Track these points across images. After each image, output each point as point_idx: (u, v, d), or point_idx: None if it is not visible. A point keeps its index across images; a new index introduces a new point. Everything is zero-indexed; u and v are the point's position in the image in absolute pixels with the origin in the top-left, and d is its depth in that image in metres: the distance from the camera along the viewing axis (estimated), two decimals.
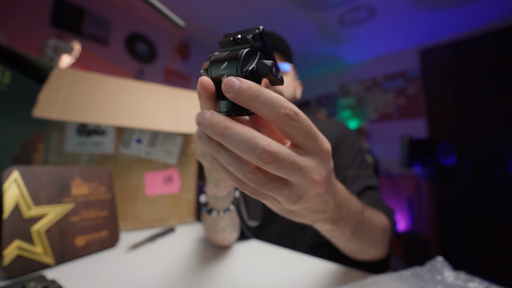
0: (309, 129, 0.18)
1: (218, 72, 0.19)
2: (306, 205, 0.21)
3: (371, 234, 0.36)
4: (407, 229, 2.62)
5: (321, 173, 0.20)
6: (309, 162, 0.19)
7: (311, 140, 0.19)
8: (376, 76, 3.05)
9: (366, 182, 0.53)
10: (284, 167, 0.17)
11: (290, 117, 0.17)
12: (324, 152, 0.20)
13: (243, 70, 0.18)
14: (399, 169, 2.72)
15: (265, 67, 0.18)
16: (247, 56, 0.18)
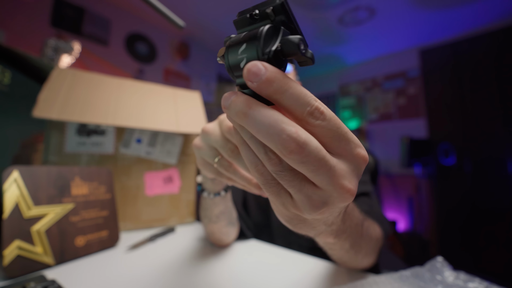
0: (337, 129, 0.16)
1: (236, 57, 0.16)
2: (326, 215, 0.18)
3: (368, 247, 0.35)
4: (407, 229, 2.62)
5: (353, 181, 0.17)
6: (340, 165, 0.16)
7: (340, 142, 0.16)
8: (376, 76, 3.05)
9: (360, 189, 0.52)
10: (310, 162, 0.15)
11: (314, 115, 0.15)
12: (357, 157, 0.17)
13: (265, 52, 0.15)
14: (399, 169, 2.72)
15: (292, 45, 0.15)
16: (269, 34, 0.15)
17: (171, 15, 0.56)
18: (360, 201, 0.50)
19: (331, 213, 0.19)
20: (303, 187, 0.17)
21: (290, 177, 0.17)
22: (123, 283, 0.37)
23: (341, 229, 0.26)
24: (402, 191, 2.72)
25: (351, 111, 3.24)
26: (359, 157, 0.17)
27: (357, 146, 0.17)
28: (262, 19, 0.16)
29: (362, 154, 0.17)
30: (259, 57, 0.15)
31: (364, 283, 0.35)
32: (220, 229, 0.48)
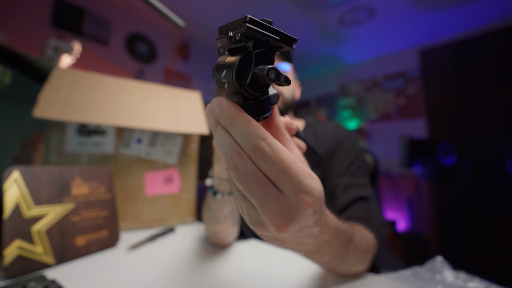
0: (279, 172, 0.16)
1: (221, 79, 0.18)
2: (268, 234, 0.20)
3: (354, 259, 0.34)
4: (407, 229, 2.62)
5: (284, 220, 0.17)
6: (274, 194, 0.17)
7: (283, 184, 0.17)
8: (376, 76, 3.05)
9: (358, 192, 0.52)
10: (241, 182, 0.17)
11: (256, 154, 0.16)
12: (299, 202, 0.17)
13: (242, 85, 0.17)
14: (399, 169, 2.72)
15: (261, 77, 0.16)
16: (241, 67, 0.17)
17: (171, 15, 0.57)
18: (358, 206, 0.50)
19: (272, 239, 0.20)
20: (244, 202, 0.19)
21: (236, 188, 0.19)
22: (123, 283, 0.38)
23: (315, 250, 0.25)
24: (402, 191, 2.72)
25: (351, 111, 3.24)
26: (301, 202, 0.17)
27: (301, 192, 0.17)
28: (236, 40, 0.18)
29: (304, 200, 0.17)
30: (236, 88, 0.17)
31: (364, 283, 0.35)
32: (225, 228, 0.48)
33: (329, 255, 0.29)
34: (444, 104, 2.44)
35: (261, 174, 0.17)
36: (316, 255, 0.28)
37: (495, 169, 2.11)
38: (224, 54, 0.19)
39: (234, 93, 0.18)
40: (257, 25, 0.17)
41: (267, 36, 0.18)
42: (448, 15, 2.18)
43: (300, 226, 0.18)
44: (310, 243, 0.23)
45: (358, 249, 0.34)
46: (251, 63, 0.17)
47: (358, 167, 0.57)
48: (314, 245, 0.24)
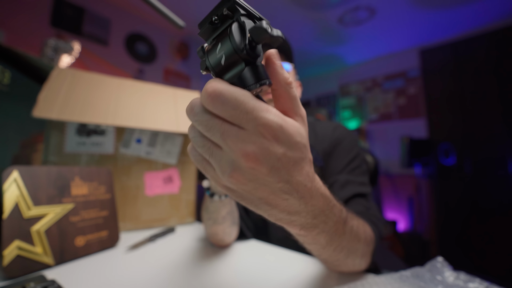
0: (234, 108, 0.17)
1: (216, 56, 0.18)
2: (242, 182, 0.19)
3: (351, 246, 0.33)
4: (407, 229, 2.62)
5: (254, 148, 0.17)
6: (234, 130, 0.17)
7: (241, 120, 0.17)
8: (376, 76, 3.05)
9: (356, 189, 0.51)
10: (199, 121, 0.18)
11: (208, 101, 0.17)
12: (261, 133, 0.17)
13: (241, 48, 0.17)
14: (399, 169, 2.72)
15: (261, 30, 0.17)
16: (236, 30, 0.17)
17: (171, 15, 0.56)
18: (356, 203, 0.49)
19: (249, 183, 0.19)
20: (213, 151, 0.19)
21: (201, 143, 0.19)
22: (123, 283, 0.37)
23: (310, 223, 0.25)
24: (402, 191, 2.72)
25: (351, 111, 3.24)
26: (261, 133, 0.17)
27: (258, 124, 0.17)
28: (222, 22, 0.18)
29: (263, 131, 0.17)
30: (236, 50, 0.17)
31: (364, 283, 0.35)
32: (224, 229, 0.48)
33: (325, 233, 0.27)
34: (444, 104, 2.44)
35: (217, 117, 0.18)
36: (313, 233, 0.26)
37: (496, 169, 2.11)
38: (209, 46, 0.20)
39: (232, 63, 0.18)
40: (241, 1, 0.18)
41: (250, 10, 0.18)
42: (448, 15, 2.18)
43: (270, 161, 0.18)
44: (299, 208, 0.22)
45: (355, 234, 0.33)
46: (244, 27, 0.17)
47: (357, 165, 0.56)
48: (308, 215, 0.23)
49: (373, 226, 0.43)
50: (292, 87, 0.20)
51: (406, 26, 2.37)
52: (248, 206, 0.22)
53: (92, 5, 2.03)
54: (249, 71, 0.18)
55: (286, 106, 0.21)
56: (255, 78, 0.18)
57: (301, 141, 0.20)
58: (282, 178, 0.19)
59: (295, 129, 0.19)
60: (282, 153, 0.18)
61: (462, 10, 2.11)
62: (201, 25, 0.19)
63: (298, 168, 0.20)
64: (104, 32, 2.10)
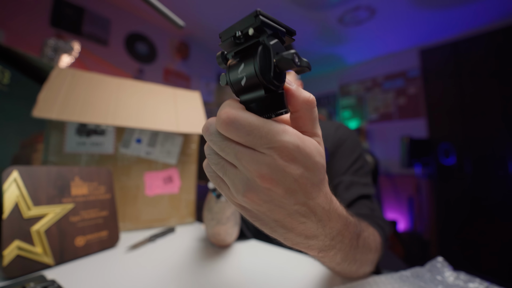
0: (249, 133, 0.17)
1: (237, 76, 0.18)
2: (257, 203, 0.18)
3: (364, 257, 0.33)
4: (407, 229, 2.62)
5: (269, 170, 0.17)
6: (249, 152, 0.17)
7: (255, 145, 0.17)
8: (376, 76, 3.05)
9: (361, 191, 0.51)
10: (213, 141, 0.18)
11: (222, 127, 0.17)
12: (275, 155, 0.17)
13: (267, 75, 0.17)
14: (399, 169, 2.72)
15: (287, 61, 0.16)
16: (263, 57, 0.17)
17: (171, 15, 0.56)
18: (361, 204, 0.49)
19: (265, 205, 0.18)
20: (227, 169, 0.18)
21: (215, 160, 0.19)
22: (123, 283, 0.37)
23: (328, 245, 0.24)
24: (402, 191, 2.72)
25: (351, 111, 3.24)
26: (275, 155, 0.17)
27: (272, 147, 0.17)
28: (247, 40, 0.17)
29: (277, 153, 0.17)
30: (258, 78, 0.17)
31: (364, 283, 0.35)
32: (227, 230, 0.48)
33: (342, 251, 0.27)
34: (444, 104, 2.44)
35: (231, 140, 0.18)
36: (330, 253, 0.25)
37: (496, 169, 2.11)
38: (231, 58, 0.19)
39: (252, 86, 0.17)
40: (267, 17, 0.17)
41: (276, 28, 0.17)
42: (448, 15, 2.18)
43: (286, 182, 0.17)
44: (317, 231, 0.21)
45: (367, 245, 0.33)
46: (270, 53, 0.17)
47: (361, 166, 0.56)
48: (326, 238, 0.22)
49: (380, 230, 0.43)
50: (313, 107, 0.19)
51: (406, 26, 2.37)
52: (263, 229, 0.21)
53: (92, 5, 2.03)
54: (268, 99, 0.17)
55: (306, 126, 0.20)
56: (273, 107, 0.18)
57: (319, 161, 0.19)
58: (299, 200, 0.19)
59: (314, 148, 0.18)
60: (299, 174, 0.18)
61: (462, 10, 2.11)
62: (223, 36, 0.18)
63: (316, 190, 0.19)
64: (104, 32, 2.10)
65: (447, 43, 2.47)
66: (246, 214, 0.21)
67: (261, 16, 0.16)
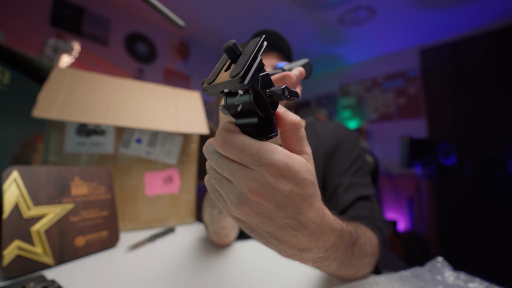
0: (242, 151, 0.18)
1: (233, 102, 0.20)
2: (249, 215, 0.20)
3: (360, 262, 0.34)
4: (407, 229, 2.62)
5: (259, 185, 0.18)
6: (242, 168, 0.19)
7: (247, 162, 0.18)
8: (376, 76, 3.05)
9: (360, 192, 0.51)
10: (212, 159, 0.20)
11: (220, 146, 0.19)
12: (265, 172, 0.18)
13: (262, 116, 0.19)
14: (399, 169, 2.71)
15: (278, 96, 0.18)
16: (257, 101, 0.19)
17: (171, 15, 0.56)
18: (360, 206, 0.49)
19: (257, 217, 0.19)
20: (224, 184, 0.20)
21: (214, 175, 0.20)
22: (123, 283, 0.37)
23: (323, 257, 0.25)
24: (402, 191, 2.72)
25: (351, 111, 3.24)
26: (265, 172, 0.18)
27: (262, 165, 0.18)
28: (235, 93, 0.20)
29: (268, 170, 0.18)
30: (252, 105, 0.19)
31: (364, 283, 0.35)
32: (226, 229, 0.48)
33: (337, 260, 0.28)
34: (444, 104, 2.44)
35: (227, 159, 0.19)
36: (325, 264, 0.27)
37: (496, 169, 2.11)
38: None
39: (247, 113, 0.19)
40: (251, 71, 0.18)
41: (258, 64, 0.19)
42: (448, 15, 2.18)
43: (275, 197, 0.19)
44: (310, 245, 0.22)
45: (363, 251, 0.34)
46: (264, 99, 0.19)
47: (360, 166, 0.56)
48: (319, 250, 0.23)
49: (378, 232, 0.44)
50: (300, 128, 0.21)
51: (406, 26, 2.37)
52: (258, 240, 0.22)
53: (92, 5, 2.03)
54: (260, 125, 0.19)
55: (294, 145, 0.21)
56: (264, 132, 0.20)
57: (308, 177, 0.20)
58: (288, 214, 0.20)
59: (302, 166, 0.20)
60: (289, 190, 0.19)
61: (462, 10, 2.11)
62: (209, 89, 0.20)
63: (307, 205, 0.20)
64: (104, 32, 2.10)
65: (447, 43, 2.47)
66: (242, 225, 0.22)
67: (246, 81, 0.17)
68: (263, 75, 0.19)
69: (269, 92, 0.19)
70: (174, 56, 2.62)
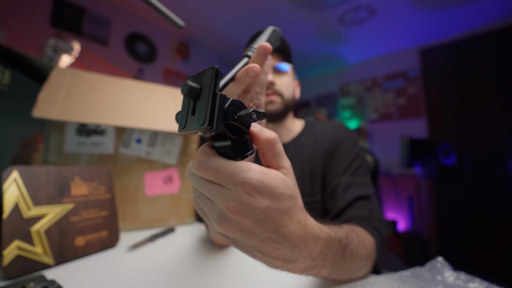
0: (216, 172, 0.19)
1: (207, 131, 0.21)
2: (231, 231, 0.20)
3: (354, 266, 0.33)
4: (407, 229, 2.62)
5: (235, 204, 0.19)
6: (218, 188, 0.20)
7: (223, 182, 0.19)
8: (376, 76, 3.05)
9: (359, 191, 0.51)
10: (193, 180, 0.21)
11: (198, 170, 0.20)
12: (241, 191, 0.19)
13: (235, 138, 0.20)
14: (399, 169, 2.71)
15: (246, 120, 0.19)
16: (229, 128, 0.20)
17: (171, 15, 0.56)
18: (359, 206, 0.49)
19: (238, 233, 0.20)
20: (206, 202, 0.21)
21: (197, 194, 0.22)
22: (123, 283, 0.37)
23: (310, 266, 0.25)
24: (402, 191, 2.72)
25: (351, 111, 3.24)
26: (241, 191, 0.19)
27: (237, 184, 0.19)
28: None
29: (243, 189, 0.19)
30: (226, 134, 0.20)
31: (364, 283, 0.35)
32: None
33: (327, 267, 0.28)
34: (444, 104, 2.44)
35: (206, 180, 0.20)
36: (314, 271, 0.27)
37: (496, 169, 2.11)
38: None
39: (221, 136, 0.21)
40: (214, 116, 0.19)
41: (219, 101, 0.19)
42: (448, 15, 2.18)
43: (252, 214, 0.19)
44: (294, 256, 0.22)
45: (356, 255, 0.33)
46: (236, 127, 0.20)
47: (358, 166, 0.56)
48: (306, 260, 0.24)
49: (375, 233, 0.44)
50: (275, 144, 0.22)
51: (406, 26, 2.37)
52: (244, 253, 0.23)
53: (92, 5, 2.03)
54: (235, 146, 0.20)
55: (271, 161, 0.22)
56: (239, 152, 0.21)
57: (286, 191, 0.21)
58: (268, 228, 0.20)
59: (278, 181, 0.20)
60: (266, 205, 0.20)
61: (462, 10, 2.11)
62: (184, 132, 0.21)
63: (286, 218, 0.21)
64: (104, 32, 2.10)
65: (447, 43, 2.47)
66: (227, 240, 0.23)
67: (213, 124, 0.18)
68: (228, 105, 0.20)
69: (237, 117, 0.20)
70: (174, 56, 2.62)
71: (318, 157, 0.58)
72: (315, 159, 0.59)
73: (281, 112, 0.60)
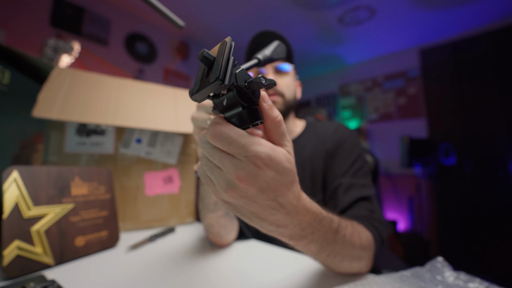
0: (230, 143, 0.21)
1: (220, 99, 0.23)
2: (236, 198, 0.22)
3: (344, 252, 0.34)
4: (407, 229, 2.62)
5: (245, 173, 0.21)
6: (230, 158, 0.21)
7: (235, 153, 0.21)
8: (376, 76, 3.05)
9: (360, 192, 0.51)
10: (204, 148, 0.23)
11: (211, 139, 0.21)
12: (250, 162, 0.21)
13: (246, 105, 0.21)
14: (399, 169, 2.71)
15: (257, 85, 0.20)
16: (239, 94, 0.21)
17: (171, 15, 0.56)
18: (359, 206, 0.49)
19: (243, 200, 0.22)
20: (214, 171, 0.23)
21: (205, 162, 0.23)
22: (123, 283, 0.37)
23: (298, 234, 0.28)
24: (402, 191, 2.72)
25: (351, 111, 3.24)
26: (251, 162, 0.21)
27: (248, 156, 0.21)
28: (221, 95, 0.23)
29: (253, 161, 0.21)
30: (235, 97, 0.21)
31: (364, 283, 0.35)
32: (218, 219, 0.49)
33: (315, 242, 0.30)
34: (444, 104, 2.44)
35: (218, 149, 0.22)
36: (303, 242, 0.29)
37: (496, 169, 2.11)
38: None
39: (232, 105, 0.22)
40: (227, 71, 0.20)
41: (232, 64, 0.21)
42: (448, 15, 2.18)
43: (258, 183, 0.21)
44: (286, 222, 0.25)
45: (348, 242, 0.34)
46: (243, 89, 0.21)
47: (360, 167, 0.56)
48: (295, 228, 0.26)
49: (374, 230, 0.44)
50: (280, 125, 0.24)
51: (406, 26, 2.37)
52: (242, 218, 0.26)
53: (92, 5, 2.03)
54: (245, 114, 0.22)
55: (274, 139, 0.24)
56: (250, 119, 0.22)
57: (288, 166, 0.23)
58: (269, 197, 0.23)
59: (283, 156, 0.23)
60: (271, 177, 0.22)
61: (462, 10, 2.11)
62: (197, 96, 0.22)
63: (285, 189, 0.24)
64: (104, 32, 2.10)
65: (447, 43, 2.47)
66: (228, 206, 0.25)
67: (225, 78, 0.19)
68: (239, 71, 0.21)
69: (247, 83, 0.21)
70: (174, 56, 2.62)
71: (319, 157, 0.58)
72: (316, 159, 0.59)
73: (283, 113, 0.60)
